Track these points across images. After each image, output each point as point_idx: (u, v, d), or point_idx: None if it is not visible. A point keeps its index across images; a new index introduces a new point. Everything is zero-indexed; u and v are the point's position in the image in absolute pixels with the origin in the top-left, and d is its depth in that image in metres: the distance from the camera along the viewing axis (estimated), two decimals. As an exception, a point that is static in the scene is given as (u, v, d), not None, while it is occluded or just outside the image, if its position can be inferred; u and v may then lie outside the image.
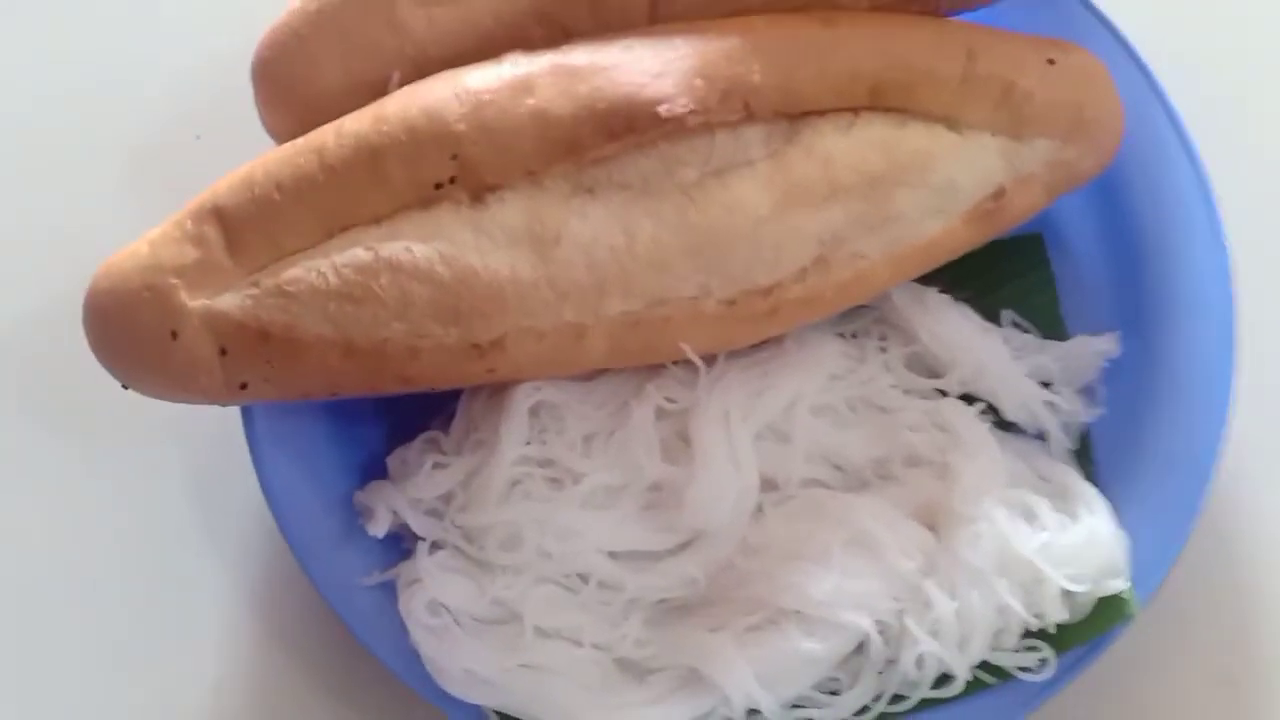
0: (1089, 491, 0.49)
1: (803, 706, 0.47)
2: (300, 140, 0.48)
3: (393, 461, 0.52)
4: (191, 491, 0.57)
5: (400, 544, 0.52)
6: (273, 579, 0.55)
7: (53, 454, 0.58)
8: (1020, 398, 0.52)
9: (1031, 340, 0.53)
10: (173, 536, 0.56)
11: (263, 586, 0.55)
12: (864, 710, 0.47)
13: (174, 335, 0.47)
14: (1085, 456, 0.52)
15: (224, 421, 0.53)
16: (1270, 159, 0.57)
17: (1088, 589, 0.47)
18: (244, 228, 0.47)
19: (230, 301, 0.47)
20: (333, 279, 0.46)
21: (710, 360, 0.50)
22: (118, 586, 0.56)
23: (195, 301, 0.47)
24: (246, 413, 0.52)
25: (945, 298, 0.53)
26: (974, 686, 0.47)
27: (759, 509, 0.50)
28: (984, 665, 0.47)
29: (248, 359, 0.47)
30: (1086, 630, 0.47)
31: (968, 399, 0.52)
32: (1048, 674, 0.47)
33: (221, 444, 0.55)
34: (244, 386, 0.48)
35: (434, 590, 0.48)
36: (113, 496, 0.57)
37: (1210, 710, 0.51)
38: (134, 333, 0.48)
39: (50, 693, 0.54)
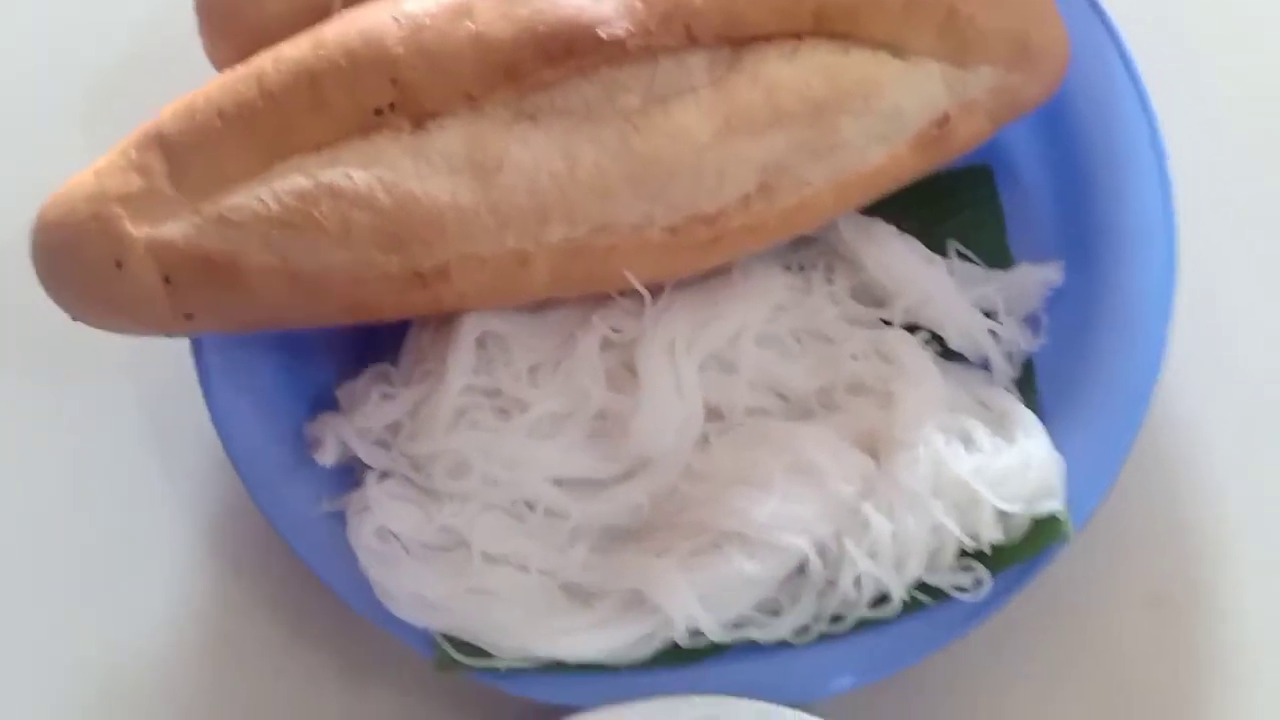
0: (1027, 416, 0.50)
1: (744, 626, 0.48)
2: (241, 67, 0.47)
3: (341, 394, 0.52)
4: (146, 429, 0.57)
5: (350, 476, 0.52)
6: (227, 513, 0.55)
7: (4, 390, 0.59)
8: (964, 327, 0.52)
9: (976, 270, 0.54)
10: (127, 473, 0.56)
11: (217, 521, 0.55)
12: (803, 630, 0.48)
13: (119, 265, 0.47)
14: (1028, 385, 0.53)
15: (178, 359, 0.53)
16: (1215, 89, 0.57)
17: (1022, 510, 0.47)
18: (186, 156, 0.47)
19: (174, 230, 0.47)
20: (274, 206, 0.46)
21: (656, 291, 0.51)
22: (72, 523, 0.56)
23: (139, 231, 0.47)
24: (197, 346, 0.52)
25: (892, 229, 0.53)
26: (911, 607, 0.48)
27: (704, 438, 0.51)
28: (921, 586, 0.48)
29: (193, 288, 0.47)
30: (1021, 551, 0.48)
31: (912, 329, 0.53)
32: (983, 594, 0.48)
33: (175, 382, 0.55)
34: (190, 317, 0.49)
35: (382, 517, 0.49)
36: (66, 434, 0.57)
37: (1145, 631, 0.52)
38: (80, 263, 0.48)
39: (3, 628, 0.55)
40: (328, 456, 0.50)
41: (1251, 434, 0.54)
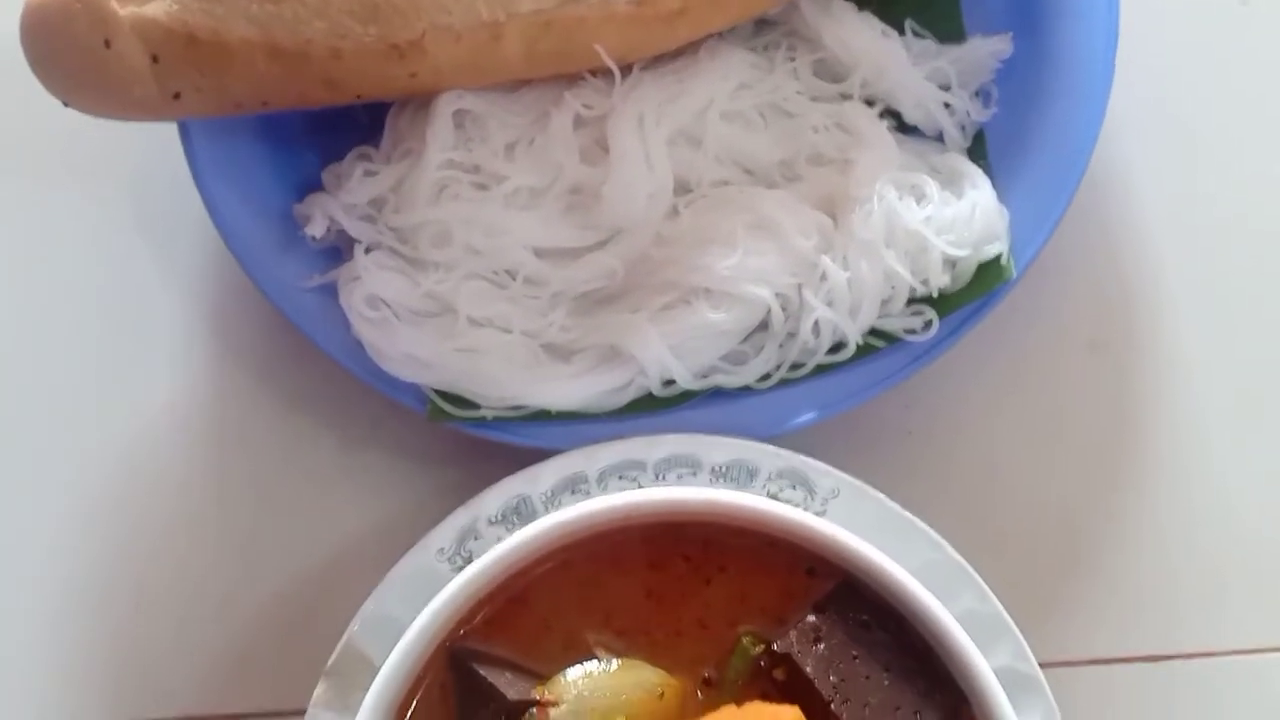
0: (974, 171, 0.53)
1: (711, 374, 0.52)
2: None
3: (327, 175, 0.55)
4: (143, 222, 0.59)
5: (339, 256, 0.55)
6: (225, 298, 0.58)
7: (7, 193, 0.61)
8: (918, 99, 0.55)
9: (930, 45, 0.56)
10: (127, 266, 0.59)
11: (216, 306, 0.58)
12: (766, 377, 0.52)
13: (107, 44, 0.49)
14: (979, 154, 0.55)
15: (168, 152, 0.55)
16: None
17: (968, 254, 0.51)
18: (166, -66, 0.49)
19: (158, 8, 0.49)
20: (254, -21, 0.48)
21: (626, 69, 0.53)
22: (78, 314, 0.59)
23: (125, 9, 0.49)
24: (186, 138, 0.54)
25: (850, 6, 0.56)
26: (865, 351, 0.52)
27: (673, 210, 0.54)
28: (874, 332, 0.52)
29: (178, 66, 0.50)
30: (968, 294, 0.52)
31: (870, 104, 0.55)
32: (931, 335, 0.51)
33: (168, 175, 0.58)
34: (177, 96, 0.51)
35: (371, 285, 0.52)
36: (67, 229, 0.59)
37: (1083, 372, 0.56)
38: (69, 45, 0.50)
39: (16, 416, 0.58)
40: (317, 229, 0.53)
41: (1189, 189, 0.57)
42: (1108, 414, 0.55)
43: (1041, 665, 0.47)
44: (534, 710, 0.42)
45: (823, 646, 0.43)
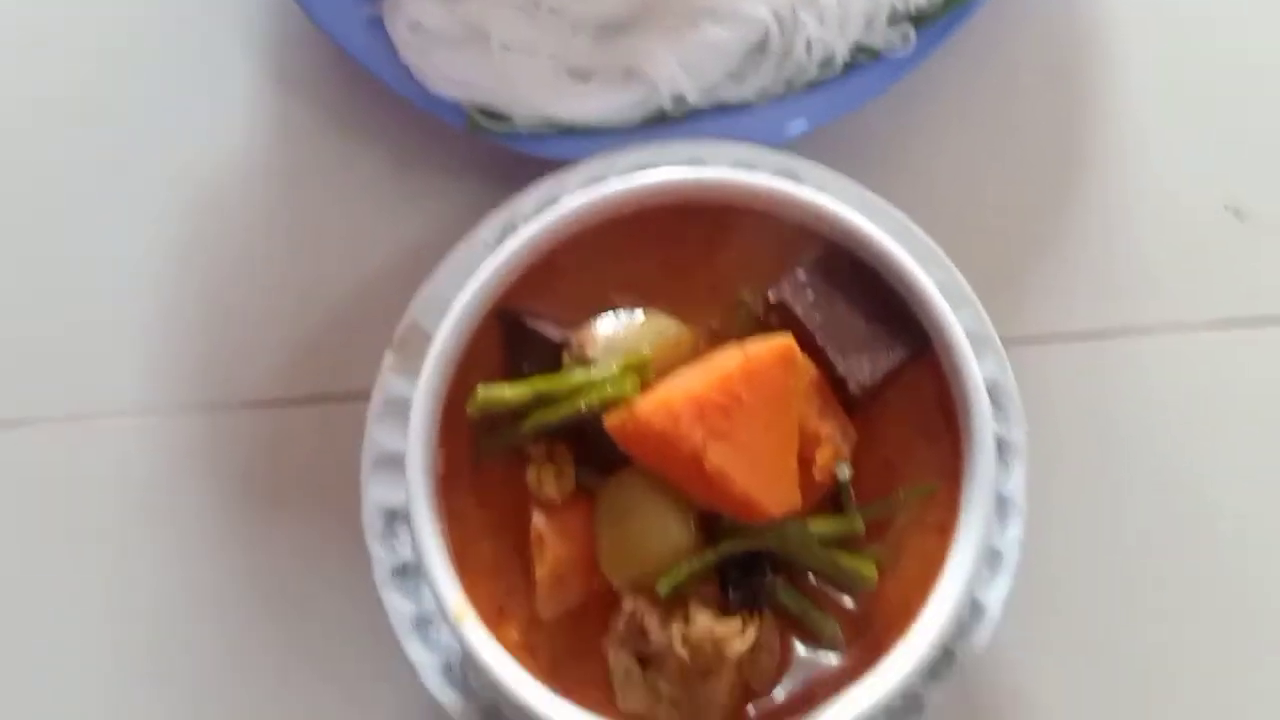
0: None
1: (715, 90, 0.59)
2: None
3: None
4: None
5: None
6: (285, 39, 0.65)
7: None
8: None
9: None
10: (192, 12, 0.65)
11: (277, 47, 0.65)
12: (764, 92, 0.59)
13: None
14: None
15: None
16: None
17: (946, -27, 0.58)
18: None
19: None
20: None
21: None
22: (144, 57, 0.65)
23: None
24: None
25: None
26: (851, 66, 0.59)
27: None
28: (860, 48, 0.59)
29: None
30: (944, 8, 0.58)
31: None
32: (910, 48, 0.58)
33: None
34: None
35: (412, 13, 0.59)
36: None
37: (1044, 100, 0.63)
38: None
39: (97, 160, 0.65)
40: (364, -36, 0.59)
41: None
42: (1066, 125, 0.63)
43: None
44: (572, 346, 0.51)
45: (809, 294, 0.52)
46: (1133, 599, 0.59)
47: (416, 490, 0.51)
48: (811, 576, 0.51)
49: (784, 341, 0.49)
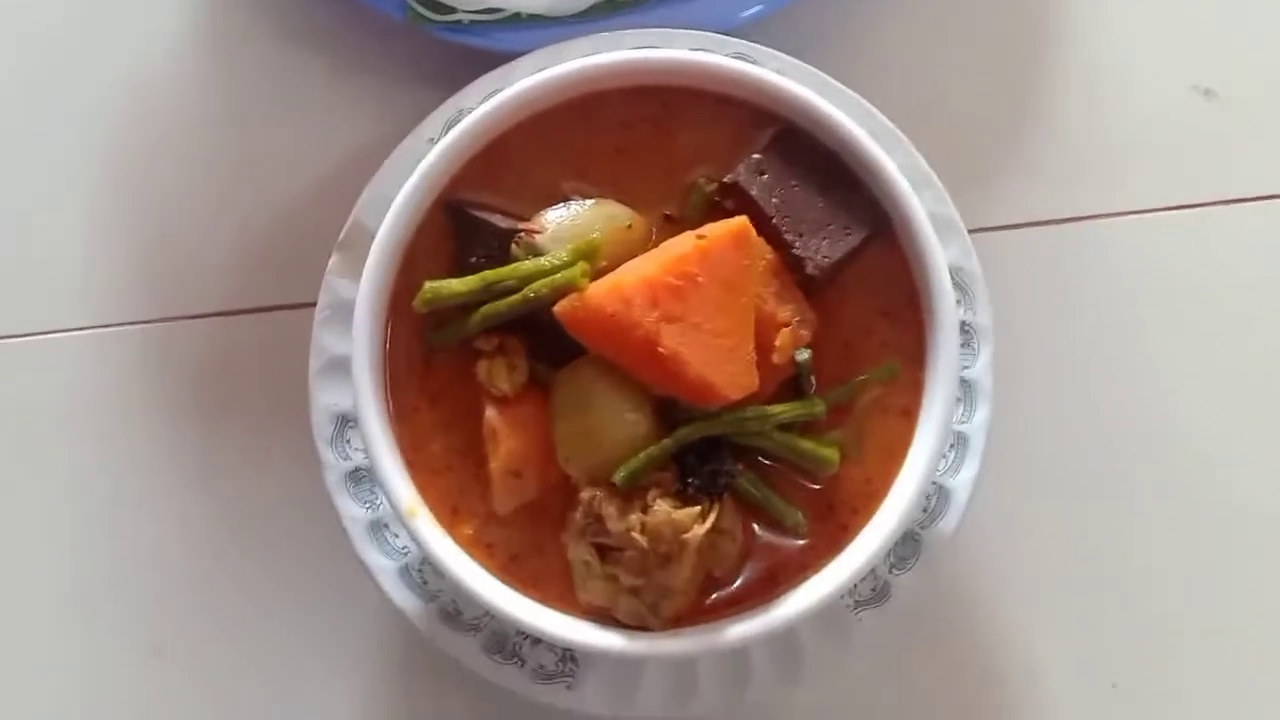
0: None
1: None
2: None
3: None
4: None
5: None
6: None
7: None
8: None
9: None
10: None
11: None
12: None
13: None
14: None
15: None
16: None
17: None
18: None
19: None
20: None
21: None
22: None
23: None
24: None
25: None
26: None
27: None
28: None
29: None
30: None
31: None
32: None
33: None
34: None
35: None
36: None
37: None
38: None
39: (33, 64, 0.63)
40: None
41: None
42: (1029, 4, 0.61)
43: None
44: (521, 235, 0.49)
45: (766, 176, 0.50)
46: (1100, 481, 0.59)
47: (363, 387, 0.49)
48: (773, 463, 0.50)
49: (739, 221, 0.48)
